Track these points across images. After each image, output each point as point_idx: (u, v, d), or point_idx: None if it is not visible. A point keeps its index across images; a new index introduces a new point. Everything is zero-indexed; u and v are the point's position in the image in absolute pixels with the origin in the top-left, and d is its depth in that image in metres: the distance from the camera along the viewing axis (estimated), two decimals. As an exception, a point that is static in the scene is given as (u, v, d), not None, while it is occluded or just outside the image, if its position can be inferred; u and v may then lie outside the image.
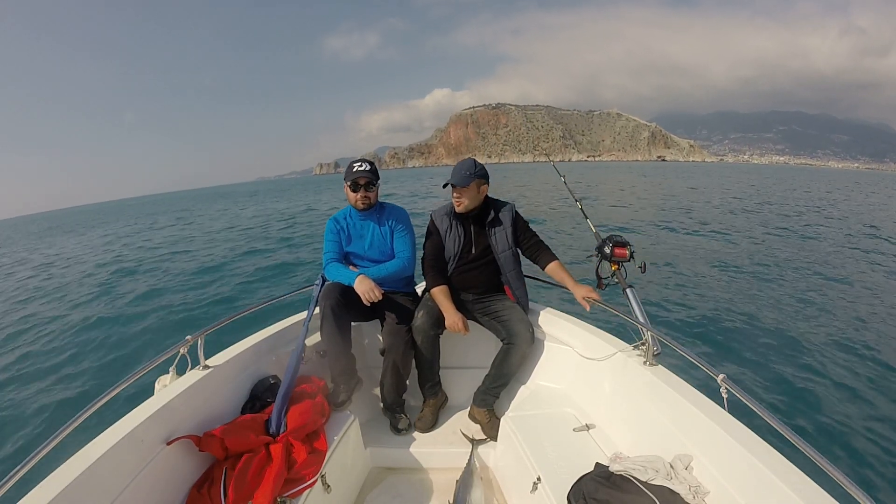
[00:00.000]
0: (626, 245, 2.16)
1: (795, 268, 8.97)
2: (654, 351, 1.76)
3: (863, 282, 8.13)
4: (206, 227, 20.75)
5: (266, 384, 1.94)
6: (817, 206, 21.40)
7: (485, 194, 2.27)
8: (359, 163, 2.27)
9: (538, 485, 1.60)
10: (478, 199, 2.23)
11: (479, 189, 2.22)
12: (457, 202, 2.21)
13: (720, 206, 20.36)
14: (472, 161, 2.27)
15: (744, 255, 10.23)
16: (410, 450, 2.16)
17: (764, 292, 7.19)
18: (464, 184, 2.15)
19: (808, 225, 14.88)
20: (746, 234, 13.14)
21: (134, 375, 1.43)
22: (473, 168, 2.19)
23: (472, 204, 2.22)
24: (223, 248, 12.99)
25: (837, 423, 3.51)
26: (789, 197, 26.51)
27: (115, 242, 17.96)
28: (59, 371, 4.94)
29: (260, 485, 1.41)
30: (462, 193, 2.18)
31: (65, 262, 13.88)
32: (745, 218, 16.44)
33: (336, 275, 2.17)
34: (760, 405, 1.21)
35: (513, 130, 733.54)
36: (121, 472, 1.25)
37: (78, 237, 23.87)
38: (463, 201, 2.20)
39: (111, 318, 6.75)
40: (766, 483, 1.12)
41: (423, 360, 2.24)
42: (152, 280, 9.33)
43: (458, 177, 2.16)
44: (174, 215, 32.49)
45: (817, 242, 11.96)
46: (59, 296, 8.90)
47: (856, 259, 10.03)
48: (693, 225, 14.47)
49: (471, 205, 2.22)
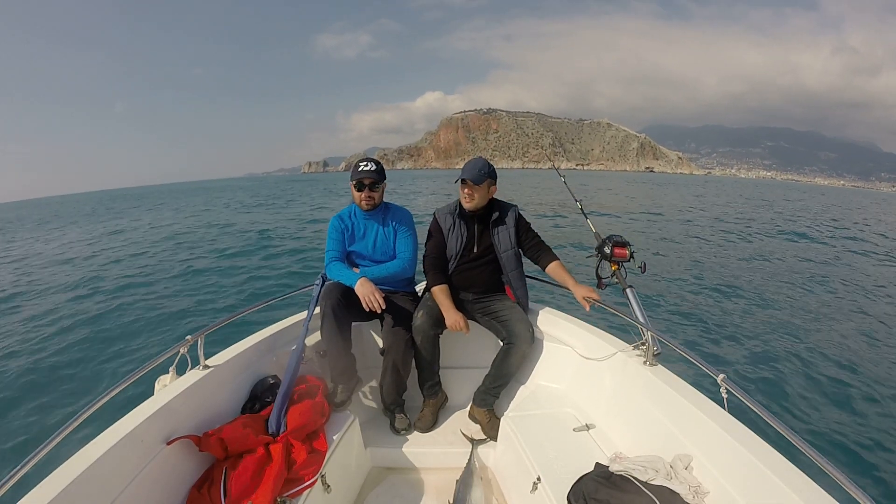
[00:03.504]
0: (626, 245, 2.16)
1: (795, 268, 8.99)
2: (654, 351, 1.77)
3: (863, 281, 8.14)
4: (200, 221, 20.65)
5: (266, 384, 1.94)
6: (815, 214, 21.60)
7: (493, 195, 2.30)
8: (364, 162, 2.26)
9: (538, 485, 1.60)
10: (486, 198, 2.25)
11: (489, 189, 2.25)
12: (468, 198, 2.21)
13: (713, 211, 20.55)
14: (484, 160, 2.29)
15: (744, 255, 10.24)
16: (410, 450, 2.16)
17: (764, 292, 7.20)
18: (478, 181, 2.16)
19: (807, 228, 15.04)
20: (746, 235, 13.20)
21: (134, 375, 1.43)
22: (487, 167, 2.21)
23: (481, 202, 2.23)
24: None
25: (837, 422, 3.51)
26: (785, 207, 26.94)
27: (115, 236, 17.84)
28: (58, 370, 4.94)
29: (260, 485, 1.41)
30: (474, 190, 2.19)
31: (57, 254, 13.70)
32: (742, 222, 16.60)
33: (337, 274, 2.17)
34: (760, 405, 1.21)
35: (503, 136, 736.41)
36: (121, 472, 1.25)
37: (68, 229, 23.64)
38: (474, 198, 2.21)
39: (106, 316, 6.73)
40: (766, 483, 1.12)
41: (423, 360, 2.24)
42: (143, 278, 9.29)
43: (473, 173, 2.17)
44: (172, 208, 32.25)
45: (816, 244, 11.98)
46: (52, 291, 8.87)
47: (856, 259, 10.04)
48: (693, 228, 14.57)
49: (480, 203, 2.23)
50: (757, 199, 36.46)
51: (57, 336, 6.00)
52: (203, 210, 27.01)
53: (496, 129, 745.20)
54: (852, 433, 3.37)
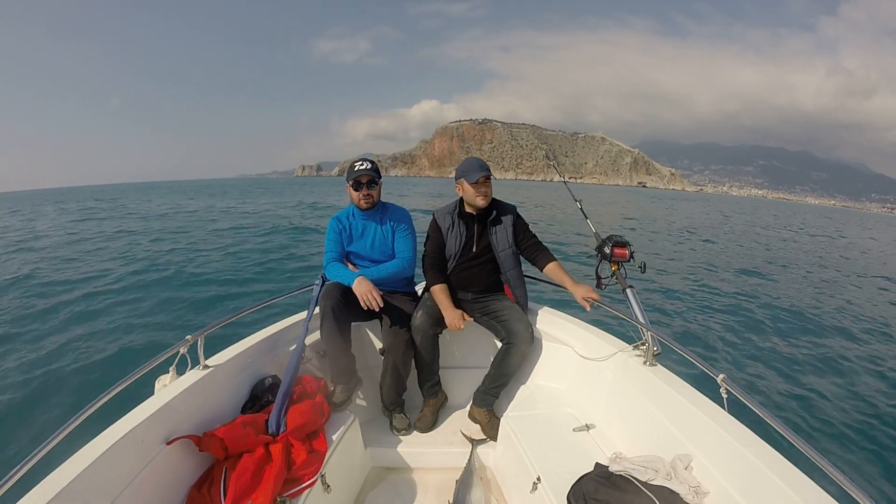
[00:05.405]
0: (626, 245, 2.16)
1: (794, 269, 8.99)
2: (654, 351, 1.77)
3: (863, 281, 8.14)
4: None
5: (266, 384, 1.94)
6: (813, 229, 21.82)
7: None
8: (360, 161, 2.26)
9: (538, 485, 1.60)
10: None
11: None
12: (484, 194, 2.21)
13: (714, 216, 20.68)
14: (482, 160, 2.30)
15: (743, 256, 10.24)
16: (410, 450, 2.16)
17: (763, 292, 7.20)
18: (489, 176, 2.19)
19: (806, 233, 15.10)
20: (745, 237, 13.21)
21: (134, 375, 1.43)
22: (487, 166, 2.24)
23: (489, 200, 2.25)
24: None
25: (837, 422, 3.51)
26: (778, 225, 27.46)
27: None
28: (57, 371, 4.94)
29: (260, 484, 1.41)
30: (489, 186, 2.21)
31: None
32: (739, 227, 16.65)
33: (336, 275, 2.17)
34: (760, 405, 1.21)
35: (497, 147, 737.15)
36: (121, 472, 1.25)
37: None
38: (490, 193, 2.23)
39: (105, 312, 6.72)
40: (766, 483, 1.12)
41: (423, 360, 2.24)
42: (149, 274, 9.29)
43: (487, 170, 2.19)
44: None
45: (814, 247, 12.00)
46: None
47: (855, 259, 10.04)
48: (693, 232, 14.59)
49: (489, 199, 2.24)
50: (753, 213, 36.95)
51: (57, 336, 5.99)
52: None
53: (491, 139, 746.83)
54: (852, 433, 3.37)
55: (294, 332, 2.27)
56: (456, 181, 2.26)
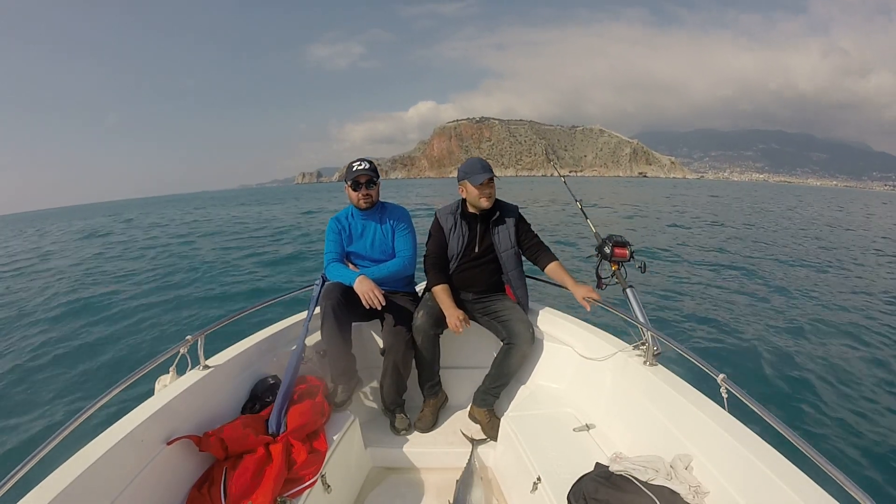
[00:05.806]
0: (626, 245, 2.16)
1: (794, 269, 8.99)
2: (654, 351, 1.77)
3: (862, 282, 8.14)
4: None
5: (266, 384, 1.94)
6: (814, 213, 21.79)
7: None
8: (358, 161, 2.26)
9: (538, 485, 1.60)
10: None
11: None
12: (489, 196, 2.21)
13: (711, 210, 20.72)
14: (485, 161, 2.31)
15: (743, 256, 10.24)
16: (410, 450, 2.16)
17: (764, 292, 7.20)
18: (493, 178, 2.20)
19: (804, 228, 15.11)
20: (743, 237, 13.21)
21: (134, 375, 1.43)
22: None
23: (493, 201, 2.25)
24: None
25: (837, 422, 3.51)
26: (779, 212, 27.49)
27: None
28: (56, 371, 4.94)
29: (260, 485, 1.41)
30: (492, 187, 2.22)
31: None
32: (739, 223, 16.65)
33: (337, 275, 2.17)
34: (760, 405, 1.21)
35: (496, 144, 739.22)
36: (121, 472, 1.25)
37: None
38: (493, 194, 2.23)
39: (106, 317, 6.74)
40: (766, 483, 1.12)
41: (424, 360, 2.24)
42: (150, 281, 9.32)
43: (490, 171, 2.20)
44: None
45: (813, 244, 12.00)
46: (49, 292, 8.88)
47: (854, 260, 10.04)
48: (691, 228, 14.60)
49: (493, 201, 2.25)
50: (756, 201, 36.92)
51: (56, 335, 6.00)
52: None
53: (489, 137, 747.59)
54: (853, 433, 3.37)
55: (294, 332, 2.27)
56: (459, 182, 2.26)
